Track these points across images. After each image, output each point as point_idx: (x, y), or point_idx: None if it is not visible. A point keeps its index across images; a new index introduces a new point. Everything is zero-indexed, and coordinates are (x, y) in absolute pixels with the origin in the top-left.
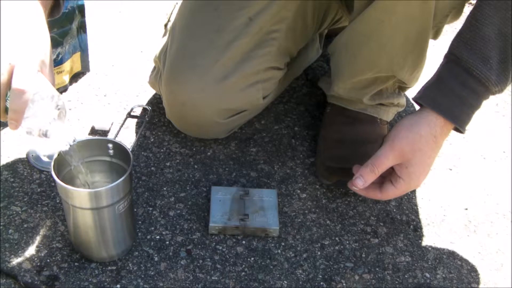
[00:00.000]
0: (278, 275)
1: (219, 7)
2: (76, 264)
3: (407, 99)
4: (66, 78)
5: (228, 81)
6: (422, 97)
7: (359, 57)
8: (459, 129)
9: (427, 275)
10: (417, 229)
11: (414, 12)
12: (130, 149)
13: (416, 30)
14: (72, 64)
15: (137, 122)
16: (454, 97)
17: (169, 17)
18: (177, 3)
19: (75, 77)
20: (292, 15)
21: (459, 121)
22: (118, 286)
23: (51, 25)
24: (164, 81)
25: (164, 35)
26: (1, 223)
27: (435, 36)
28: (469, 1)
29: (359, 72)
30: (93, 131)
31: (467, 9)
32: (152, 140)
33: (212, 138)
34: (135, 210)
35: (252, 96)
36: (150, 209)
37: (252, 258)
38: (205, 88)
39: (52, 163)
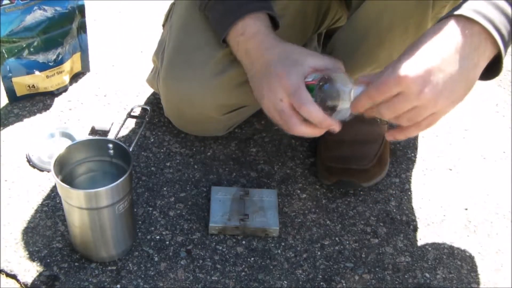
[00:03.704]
0: (278, 275)
1: None
2: (76, 264)
3: None
4: (66, 78)
5: (225, 76)
6: (450, 11)
7: (358, 52)
8: (501, 53)
9: (427, 275)
10: (417, 229)
11: (411, 4)
12: (130, 149)
13: (414, 23)
14: (72, 64)
15: (137, 122)
16: (486, 3)
17: (167, 17)
18: (175, 3)
19: (75, 77)
20: (291, 13)
21: (498, 30)
22: (118, 286)
23: (51, 26)
24: (162, 78)
25: (162, 34)
26: (1, 223)
27: None
28: None
29: (358, 68)
30: (93, 131)
31: None
32: (152, 140)
33: (211, 135)
34: (135, 210)
35: (250, 91)
36: (150, 209)
37: (252, 258)
38: (202, 84)
39: (52, 163)
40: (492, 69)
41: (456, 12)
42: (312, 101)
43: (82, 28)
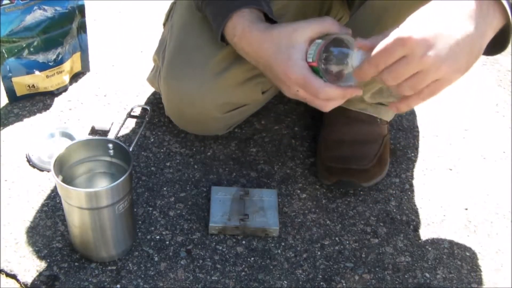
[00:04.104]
0: (278, 275)
1: None
2: (76, 264)
3: None
4: (66, 78)
5: (226, 75)
6: None
7: None
8: (509, 25)
9: (427, 275)
10: (417, 229)
11: (415, 3)
12: (130, 149)
13: None
14: (72, 64)
15: (137, 122)
16: None
17: (168, 16)
18: (175, 3)
19: (75, 77)
20: (291, 12)
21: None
22: (118, 286)
23: (52, 25)
24: (163, 77)
25: (163, 34)
26: (1, 223)
27: None
28: None
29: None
30: (93, 131)
31: None
32: (152, 140)
33: (211, 134)
34: (135, 210)
35: (251, 90)
36: (150, 209)
37: (252, 258)
38: (203, 82)
39: (52, 163)
40: (498, 43)
41: None
42: (324, 84)
43: (82, 28)
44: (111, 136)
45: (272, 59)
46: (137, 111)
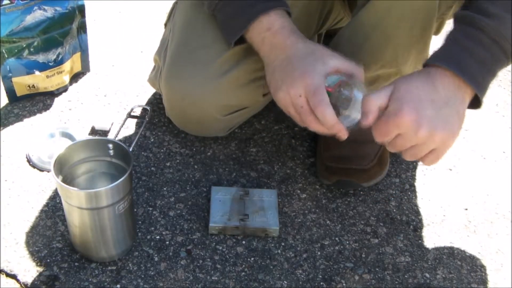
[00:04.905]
0: (278, 275)
1: None
2: (76, 264)
3: None
4: (66, 78)
5: (228, 77)
6: (429, 59)
7: (363, 49)
8: (478, 95)
9: (427, 275)
10: (417, 229)
11: (419, 3)
12: (130, 149)
13: (421, 20)
14: (72, 64)
15: (137, 122)
16: (467, 55)
17: (169, 16)
18: (177, 3)
19: (75, 77)
20: (295, 12)
21: (476, 81)
22: (118, 286)
23: (52, 26)
24: (164, 76)
25: (164, 33)
26: (1, 223)
27: (438, 31)
28: None
29: (362, 66)
30: (93, 131)
31: None
32: (152, 140)
33: (212, 135)
34: (135, 210)
35: (252, 92)
36: (150, 209)
37: (252, 258)
38: (205, 83)
39: (52, 163)
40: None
41: (443, 65)
42: (328, 104)
43: (82, 28)
44: (111, 136)
45: (298, 58)
46: (137, 111)
